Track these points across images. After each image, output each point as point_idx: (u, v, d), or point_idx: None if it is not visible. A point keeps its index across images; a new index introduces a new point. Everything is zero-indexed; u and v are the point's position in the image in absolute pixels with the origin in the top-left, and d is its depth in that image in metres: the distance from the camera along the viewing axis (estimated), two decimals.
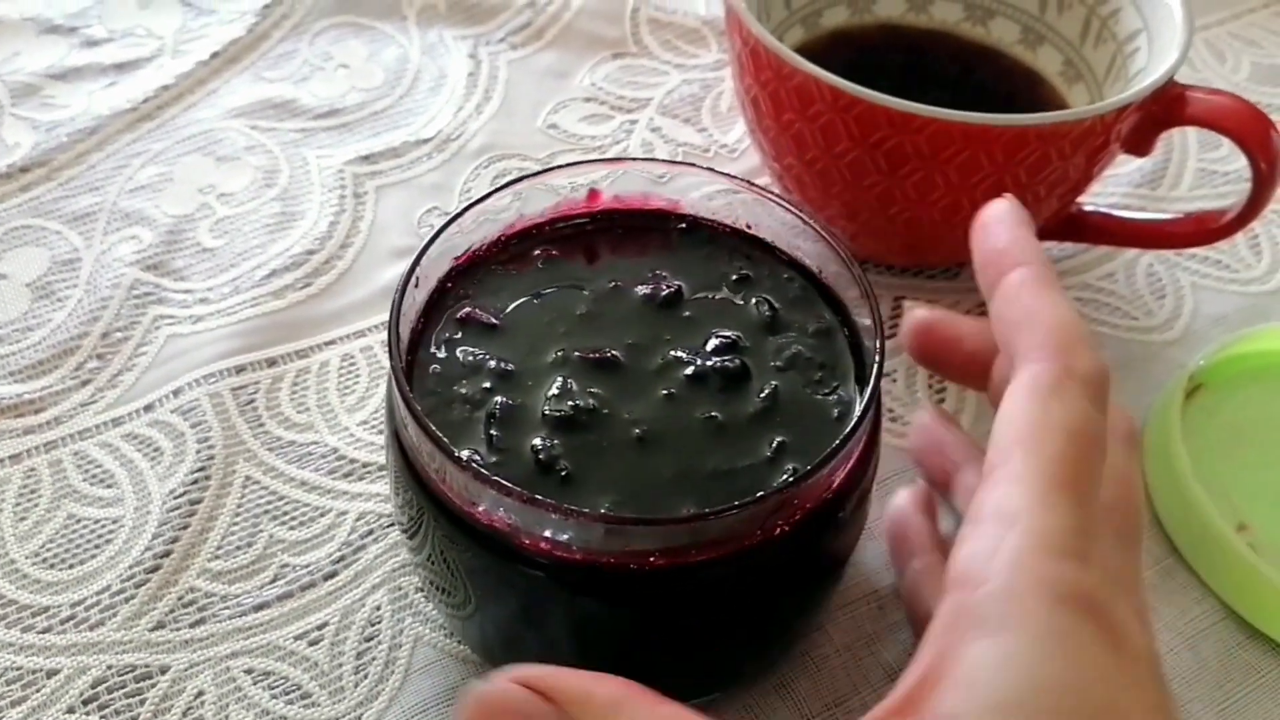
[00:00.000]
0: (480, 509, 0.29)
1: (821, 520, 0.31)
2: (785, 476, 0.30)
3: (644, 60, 0.57)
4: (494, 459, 0.30)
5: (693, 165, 0.36)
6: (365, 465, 0.40)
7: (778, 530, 0.29)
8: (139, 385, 0.42)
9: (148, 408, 0.41)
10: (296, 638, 0.36)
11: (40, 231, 0.47)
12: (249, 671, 0.35)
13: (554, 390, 0.32)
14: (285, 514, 0.39)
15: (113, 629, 0.36)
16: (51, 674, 0.35)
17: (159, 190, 0.49)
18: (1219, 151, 0.54)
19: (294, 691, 0.35)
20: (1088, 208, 0.46)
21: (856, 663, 0.37)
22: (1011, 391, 0.29)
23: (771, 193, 0.35)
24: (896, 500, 0.37)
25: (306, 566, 0.38)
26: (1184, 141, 0.54)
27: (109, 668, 0.35)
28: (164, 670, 0.35)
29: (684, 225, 0.37)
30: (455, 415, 0.31)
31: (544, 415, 0.31)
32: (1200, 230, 0.43)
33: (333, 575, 0.38)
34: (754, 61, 0.42)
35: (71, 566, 0.37)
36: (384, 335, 0.44)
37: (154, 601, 0.37)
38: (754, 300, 0.35)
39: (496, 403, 0.31)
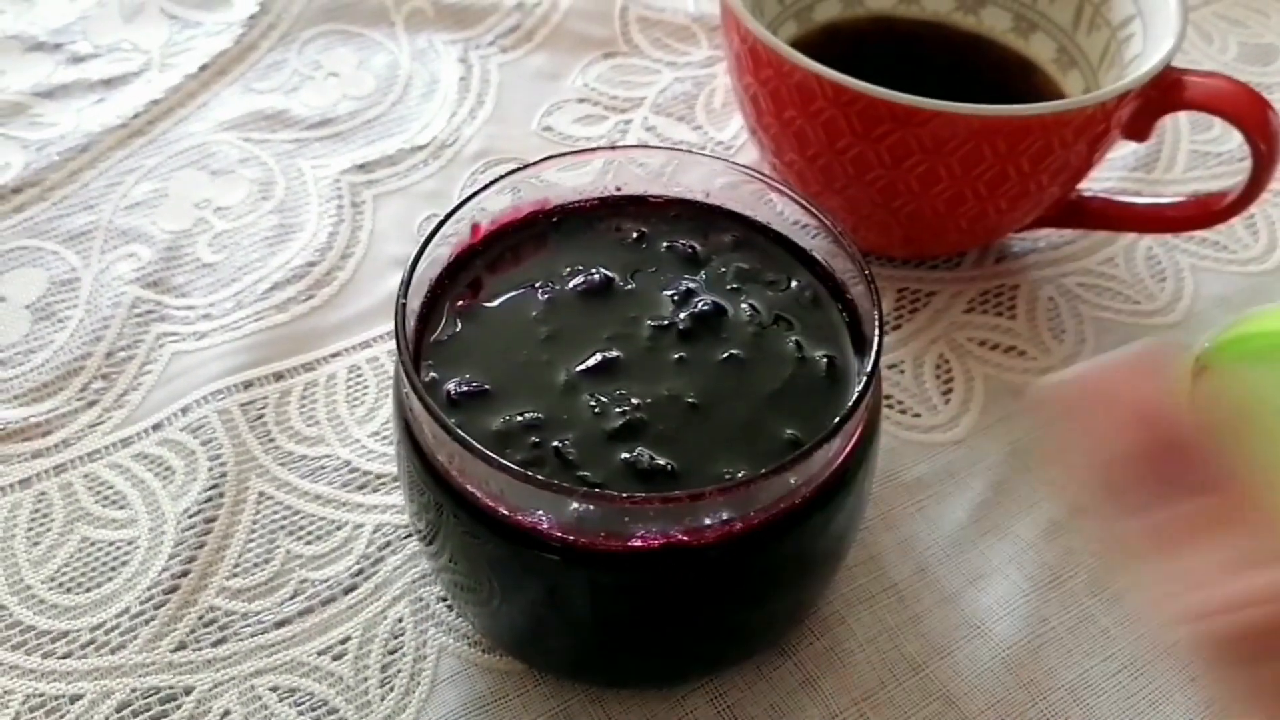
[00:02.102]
0: (639, 536, 0.29)
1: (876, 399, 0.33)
2: (823, 361, 0.33)
3: (635, 59, 0.57)
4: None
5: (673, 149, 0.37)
6: (379, 477, 0.40)
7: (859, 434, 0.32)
8: (146, 404, 0.42)
9: (156, 426, 0.41)
10: (320, 653, 0.36)
11: (36, 252, 0.46)
12: (274, 689, 0.35)
13: (594, 410, 0.31)
14: (301, 529, 0.39)
15: (134, 651, 0.36)
16: (75, 699, 0.35)
17: (154, 206, 0.48)
18: (1211, 133, 0.54)
19: (320, 707, 0.35)
20: (1087, 194, 0.46)
21: (881, 656, 0.37)
22: None
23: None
24: None
25: (325, 581, 0.38)
26: (1175, 124, 0.55)
27: (133, 691, 0.35)
28: (188, 691, 0.35)
29: (556, 219, 0.37)
30: None
31: (607, 434, 0.31)
32: (1202, 213, 0.43)
33: (353, 589, 0.37)
34: (753, 60, 0.42)
35: (88, 590, 0.37)
36: (390, 345, 0.44)
37: (174, 622, 0.36)
38: (664, 246, 0.36)
39: (555, 448, 0.31)
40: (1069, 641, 0.37)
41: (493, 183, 0.35)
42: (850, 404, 0.30)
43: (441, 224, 0.34)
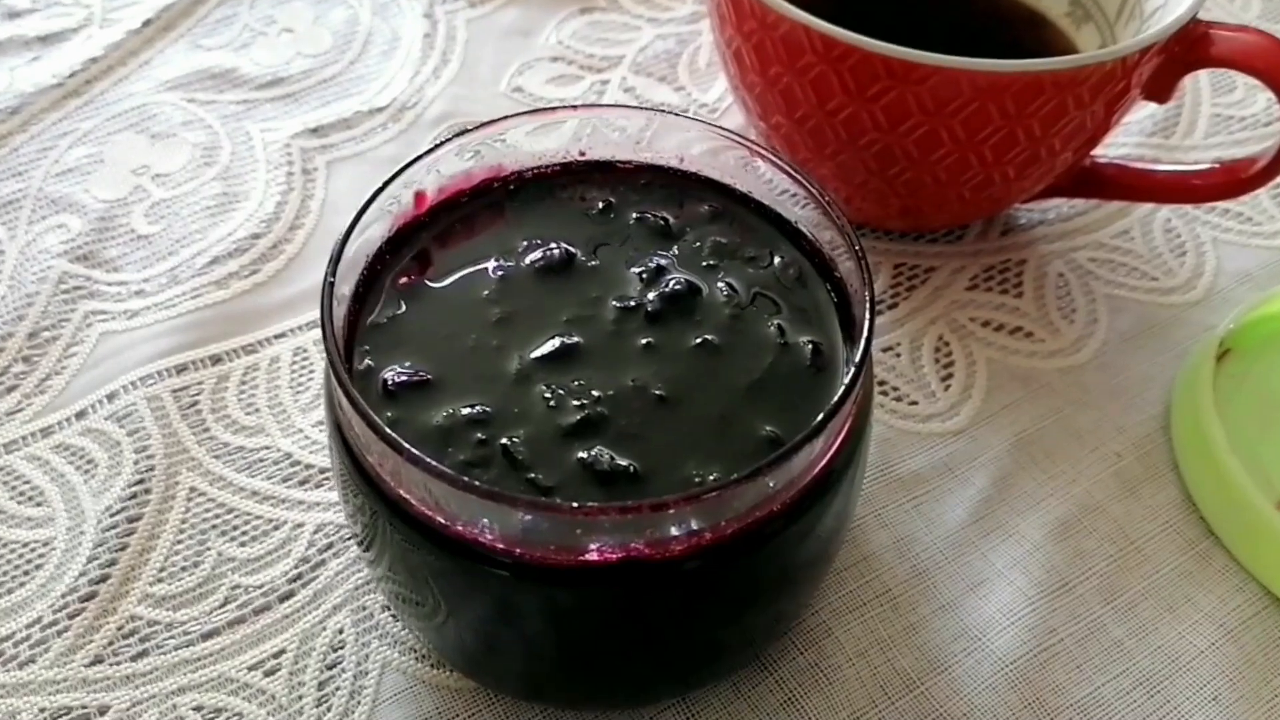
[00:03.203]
0: (594, 549, 0.26)
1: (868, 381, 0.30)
2: (808, 347, 0.30)
3: (614, 15, 0.53)
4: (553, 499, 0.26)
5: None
6: (323, 471, 0.37)
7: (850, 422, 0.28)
8: (70, 390, 0.38)
9: (80, 414, 0.38)
10: (251, 668, 0.33)
11: None
12: (198, 709, 0.32)
13: (549, 403, 0.28)
14: (235, 529, 0.35)
15: (45, 666, 0.32)
16: None
17: (88, 173, 0.45)
18: (1234, 95, 0.51)
19: None
20: (1101, 160, 0.42)
21: (871, 671, 0.33)
22: None
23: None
24: None
25: (260, 587, 0.34)
26: (1196, 86, 0.51)
27: (41, 710, 0.32)
28: (103, 711, 0.32)
29: (513, 186, 0.33)
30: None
31: (563, 430, 0.27)
32: (1230, 181, 0.40)
33: (289, 596, 0.34)
34: (735, 10, 0.38)
35: None
36: None
37: (90, 633, 0.33)
38: (633, 217, 0.33)
39: (503, 446, 0.27)
40: (1079, 655, 0.34)
41: (440, 145, 0.31)
42: (836, 398, 0.26)
43: (380, 190, 0.30)
